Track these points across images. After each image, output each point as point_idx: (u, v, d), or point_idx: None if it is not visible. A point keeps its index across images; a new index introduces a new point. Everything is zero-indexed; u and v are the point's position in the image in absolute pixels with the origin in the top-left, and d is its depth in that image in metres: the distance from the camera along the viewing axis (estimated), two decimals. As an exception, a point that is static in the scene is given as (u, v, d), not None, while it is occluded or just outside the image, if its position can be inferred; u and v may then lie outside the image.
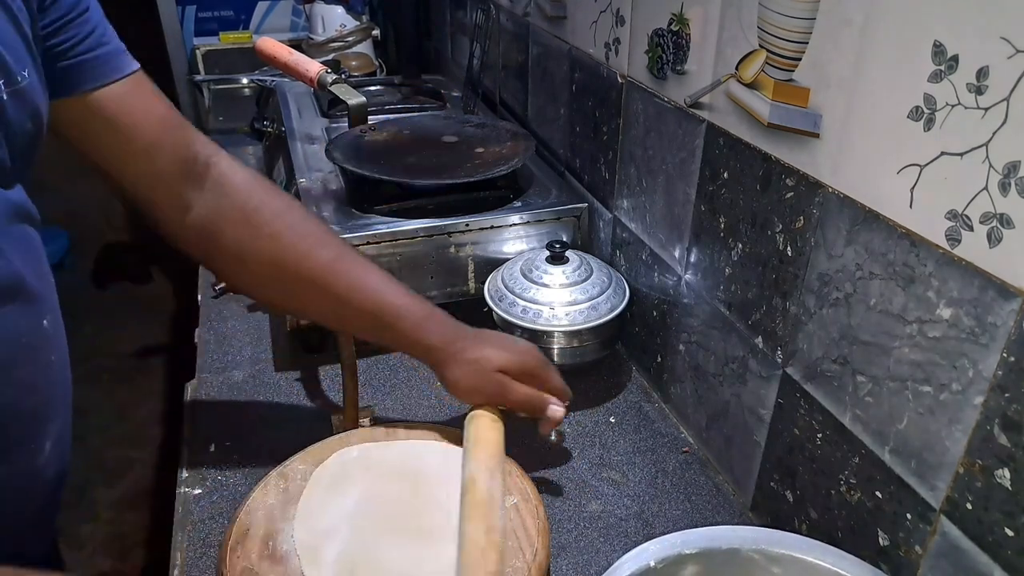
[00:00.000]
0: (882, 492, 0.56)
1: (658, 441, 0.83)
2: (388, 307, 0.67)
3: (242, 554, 0.59)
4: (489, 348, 0.68)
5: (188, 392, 0.88)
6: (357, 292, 0.67)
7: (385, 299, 0.67)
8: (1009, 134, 0.42)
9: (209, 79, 1.96)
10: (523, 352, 0.69)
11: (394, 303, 0.67)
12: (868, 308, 0.54)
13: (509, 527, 0.62)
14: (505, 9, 1.25)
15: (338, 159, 0.98)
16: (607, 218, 0.97)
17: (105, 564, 1.74)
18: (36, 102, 0.52)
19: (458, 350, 0.67)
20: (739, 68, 0.65)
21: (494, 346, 0.69)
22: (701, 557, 0.51)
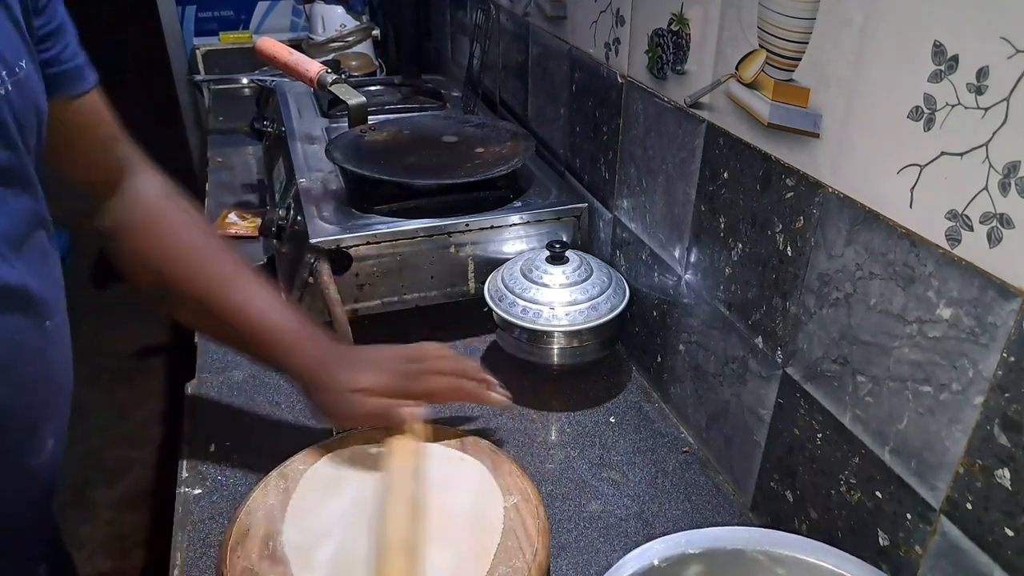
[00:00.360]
0: (882, 492, 0.56)
1: (658, 441, 0.83)
2: (265, 329, 0.68)
3: (242, 554, 0.59)
4: (349, 370, 0.68)
5: (188, 392, 0.88)
6: (237, 312, 0.68)
7: (262, 320, 0.68)
8: (1009, 134, 0.42)
9: (209, 79, 1.96)
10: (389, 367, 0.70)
11: (271, 325, 0.68)
12: (868, 308, 0.54)
13: (509, 527, 0.62)
14: (505, 9, 1.25)
15: (338, 159, 0.98)
16: (607, 218, 0.97)
17: (105, 564, 1.74)
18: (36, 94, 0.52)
19: (323, 375, 0.68)
20: (739, 68, 0.65)
21: (357, 367, 0.69)
22: (705, 557, 0.51)
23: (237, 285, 0.69)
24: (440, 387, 0.71)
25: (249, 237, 1.22)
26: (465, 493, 0.66)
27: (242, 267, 0.70)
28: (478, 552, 0.60)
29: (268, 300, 0.69)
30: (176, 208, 0.72)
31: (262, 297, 0.69)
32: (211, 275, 0.69)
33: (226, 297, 0.68)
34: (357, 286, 0.91)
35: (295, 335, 0.68)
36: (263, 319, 0.68)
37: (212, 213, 1.30)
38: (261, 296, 0.69)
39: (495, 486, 0.66)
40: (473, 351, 0.96)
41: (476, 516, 0.63)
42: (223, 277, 0.69)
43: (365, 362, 0.70)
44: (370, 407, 0.67)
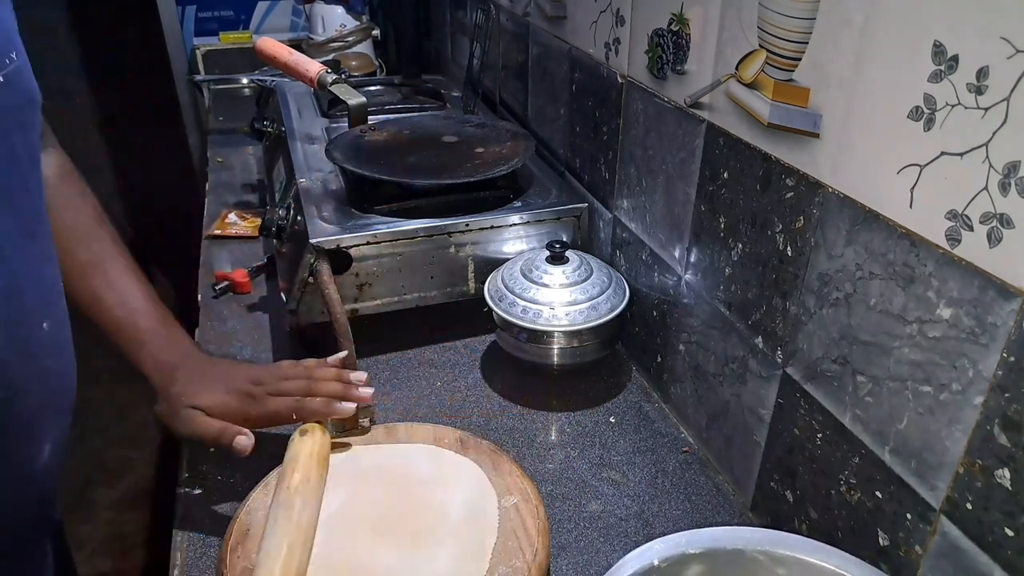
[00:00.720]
0: (882, 492, 0.56)
1: (658, 441, 0.83)
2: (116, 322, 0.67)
3: (242, 554, 0.59)
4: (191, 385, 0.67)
5: (188, 392, 0.88)
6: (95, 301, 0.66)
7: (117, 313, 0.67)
8: (1009, 134, 0.42)
9: (209, 79, 1.96)
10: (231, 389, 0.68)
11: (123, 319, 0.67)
12: (868, 308, 0.54)
13: (509, 527, 0.62)
14: (505, 9, 1.25)
15: (338, 159, 0.98)
16: (607, 218, 0.97)
17: (105, 564, 1.74)
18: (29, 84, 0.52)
19: (166, 382, 0.67)
20: (739, 68, 0.65)
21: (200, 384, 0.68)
22: (705, 557, 0.51)
23: (103, 272, 0.67)
24: (280, 408, 0.68)
25: (249, 237, 1.23)
26: (460, 493, 0.66)
27: (116, 256, 0.68)
28: (475, 552, 0.60)
29: (131, 293, 0.67)
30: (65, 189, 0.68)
31: (126, 289, 0.67)
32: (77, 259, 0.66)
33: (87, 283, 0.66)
34: (357, 286, 0.91)
35: (149, 334, 0.67)
36: (119, 312, 0.66)
37: (212, 213, 1.30)
38: (126, 288, 0.67)
39: (490, 485, 0.66)
40: (473, 351, 0.97)
41: (471, 516, 0.63)
42: (89, 263, 0.67)
43: (211, 378, 0.68)
44: (201, 427, 0.66)
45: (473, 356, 0.96)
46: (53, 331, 0.55)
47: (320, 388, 0.70)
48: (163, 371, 0.67)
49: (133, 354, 0.67)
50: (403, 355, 0.95)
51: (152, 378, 0.67)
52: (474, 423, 0.84)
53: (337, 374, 0.72)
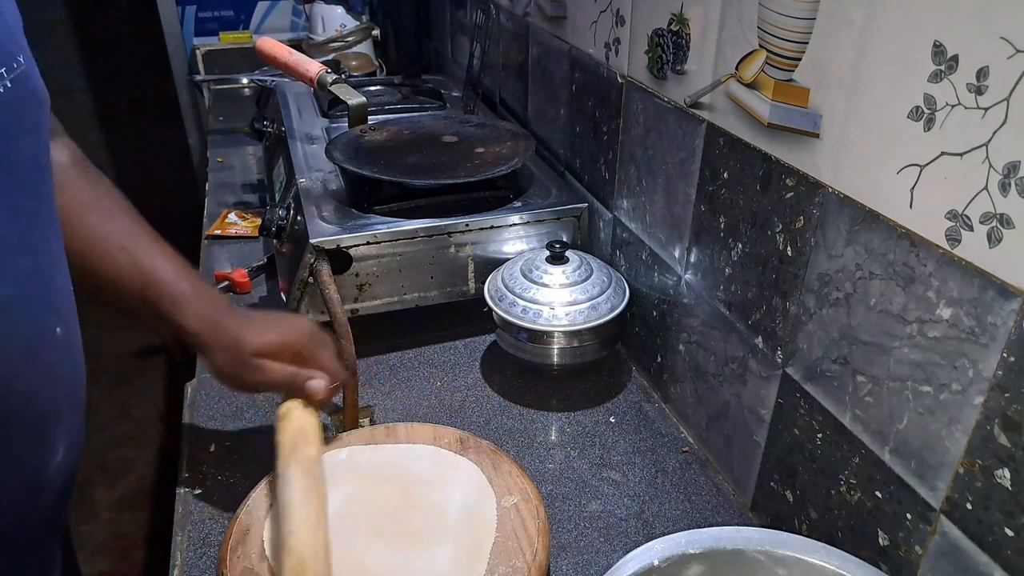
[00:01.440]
0: (882, 492, 0.56)
1: (658, 441, 0.83)
2: (153, 285, 0.65)
3: (242, 554, 0.59)
4: (248, 331, 0.65)
5: (188, 392, 0.88)
6: (132, 267, 0.65)
7: (153, 276, 0.65)
8: (1009, 134, 0.42)
9: (209, 79, 1.96)
10: (284, 331, 0.67)
11: (162, 281, 0.65)
12: (868, 308, 0.54)
13: (509, 527, 0.62)
14: (505, 9, 1.25)
15: (338, 159, 0.98)
16: (607, 218, 0.97)
17: (105, 564, 1.74)
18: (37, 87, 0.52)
19: (219, 335, 0.65)
20: (739, 68, 0.65)
21: (255, 329, 0.66)
22: (706, 557, 0.51)
23: (135, 242, 0.66)
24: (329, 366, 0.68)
25: (249, 237, 1.22)
26: (459, 493, 0.66)
27: (142, 226, 0.68)
28: (474, 550, 0.60)
29: (166, 257, 0.67)
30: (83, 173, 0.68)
31: (160, 253, 0.67)
32: (107, 230, 0.65)
33: (122, 252, 0.65)
34: (357, 286, 0.91)
35: (192, 292, 0.66)
36: (159, 273, 0.65)
37: (212, 213, 1.30)
38: (159, 252, 0.67)
39: (489, 486, 0.66)
40: (473, 351, 0.97)
41: (470, 516, 0.63)
42: (121, 233, 0.66)
43: (261, 325, 0.67)
44: (274, 373, 0.65)
45: (473, 356, 0.96)
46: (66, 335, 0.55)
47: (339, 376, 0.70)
48: (213, 325, 0.66)
49: (175, 314, 0.65)
50: (403, 355, 0.95)
51: (204, 332, 0.65)
52: (474, 423, 0.84)
53: None
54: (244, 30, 2.20)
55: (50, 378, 0.54)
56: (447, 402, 0.87)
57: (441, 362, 0.94)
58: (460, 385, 0.90)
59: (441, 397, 0.88)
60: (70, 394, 0.58)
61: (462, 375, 0.92)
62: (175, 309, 0.65)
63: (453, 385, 0.90)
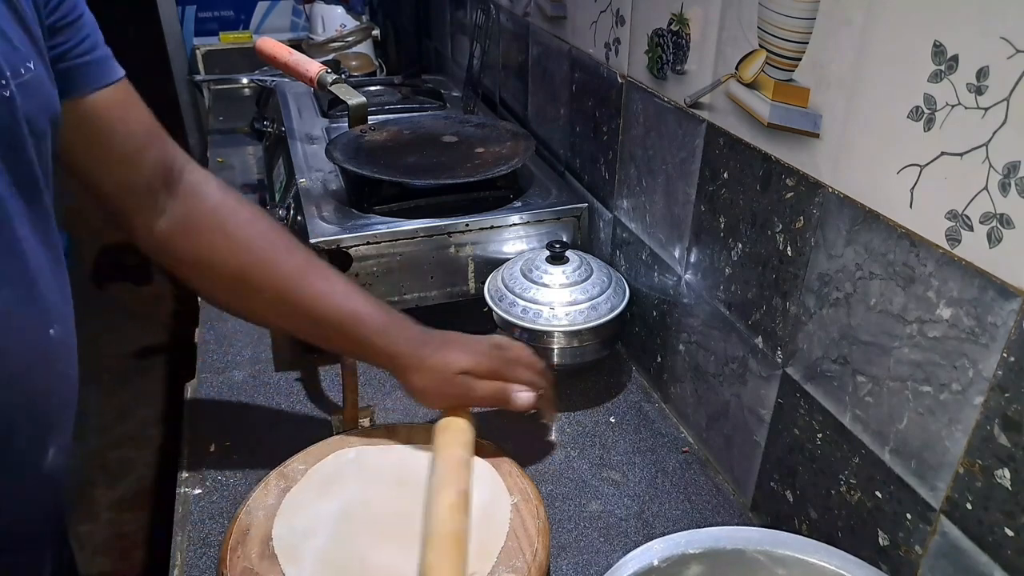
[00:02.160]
0: (882, 492, 0.56)
1: (658, 441, 0.83)
2: (350, 314, 0.67)
3: (242, 554, 0.59)
4: (450, 351, 0.68)
5: (188, 392, 0.88)
6: (320, 299, 0.67)
7: (347, 306, 0.68)
8: (1009, 134, 0.42)
9: (209, 79, 1.96)
10: (485, 351, 0.70)
11: (356, 310, 0.68)
12: (868, 308, 0.54)
13: (509, 527, 0.62)
14: (505, 9, 1.25)
15: (338, 159, 0.98)
16: (607, 218, 0.97)
17: (105, 564, 1.74)
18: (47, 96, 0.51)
19: (421, 356, 0.68)
20: (739, 68, 0.65)
21: (456, 349, 0.69)
22: (705, 557, 0.51)
23: (316, 274, 0.68)
24: (527, 379, 0.70)
25: (249, 237, 1.22)
26: (476, 492, 0.66)
27: (315, 257, 0.70)
28: (482, 552, 0.60)
29: (348, 288, 0.69)
30: (242, 202, 0.70)
31: (342, 285, 0.69)
32: (289, 266, 0.68)
33: (307, 286, 0.67)
34: (357, 286, 0.91)
35: (382, 319, 0.68)
36: (348, 305, 0.68)
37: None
38: (341, 284, 0.69)
39: (502, 486, 0.66)
40: (473, 351, 0.96)
41: (482, 516, 0.63)
42: (301, 267, 0.68)
43: (460, 344, 0.70)
44: (484, 389, 0.68)
45: (473, 356, 0.96)
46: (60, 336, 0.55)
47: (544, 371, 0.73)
48: (414, 349, 0.68)
49: (371, 341, 0.68)
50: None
51: (402, 358, 0.68)
52: (474, 423, 0.84)
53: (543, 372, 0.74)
54: (244, 30, 2.20)
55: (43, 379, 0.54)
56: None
57: (441, 362, 0.94)
58: (460, 385, 0.90)
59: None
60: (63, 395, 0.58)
61: (462, 375, 0.92)
62: (380, 336, 0.68)
63: (453, 385, 0.90)
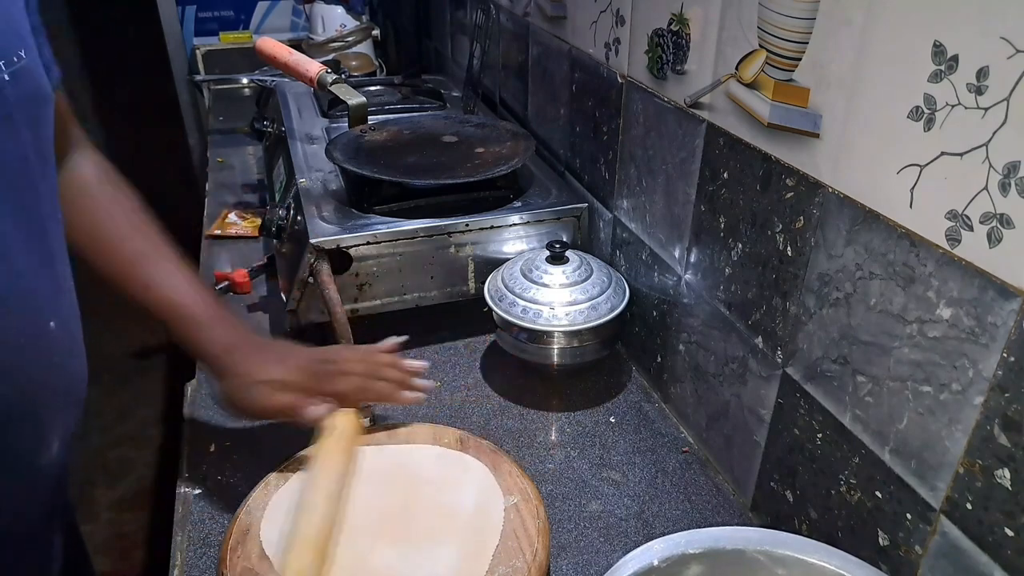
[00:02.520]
0: (882, 492, 0.56)
1: (658, 441, 0.83)
2: (173, 306, 0.67)
3: (242, 554, 0.59)
4: (261, 361, 0.67)
5: (188, 392, 0.88)
6: (151, 290, 0.67)
7: (174, 299, 0.67)
8: (1009, 134, 0.42)
9: (209, 79, 1.96)
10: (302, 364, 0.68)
11: (181, 303, 0.67)
12: (868, 308, 0.54)
13: (509, 527, 0.62)
14: (505, 9, 1.25)
15: (338, 159, 0.98)
16: (607, 218, 0.97)
17: (105, 564, 1.74)
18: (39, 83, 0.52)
19: (232, 361, 0.67)
20: (739, 68, 0.65)
21: (269, 359, 0.68)
22: (705, 557, 0.51)
23: (153, 262, 0.68)
24: (348, 388, 0.69)
25: (249, 237, 1.22)
26: (467, 492, 0.66)
27: (162, 246, 0.69)
28: (477, 552, 0.60)
29: (183, 280, 0.68)
30: (107, 187, 0.70)
31: (177, 276, 0.68)
32: (125, 251, 0.67)
33: (140, 274, 0.67)
34: (357, 286, 0.91)
35: (206, 316, 0.67)
36: (175, 297, 0.67)
37: (212, 213, 1.30)
38: (176, 275, 0.68)
39: (496, 486, 0.66)
40: (473, 351, 0.96)
41: (477, 515, 0.63)
42: (139, 254, 0.68)
43: (277, 354, 0.69)
44: (276, 401, 0.66)
45: (473, 356, 0.96)
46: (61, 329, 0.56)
47: (384, 373, 0.71)
48: (226, 351, 0.67)
49: (192, 338, 0.67)
50: (403, 355, 0.95)
51: (214, 359, 0.67)
52: (474, 423, 0.84)
53: (395, 361, 0.73)
54: (244, 30, 2.20)
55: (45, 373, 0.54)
56: (447, 402, 0.87)
57: (441, 362, 0.94)
58: (460, 385, 0.90)
59: (441, 397, 0.88)
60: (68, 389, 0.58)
61: (462, 375, 0.92)
62: (195, 333, 0.67)
63: (453, 385, 0.90)
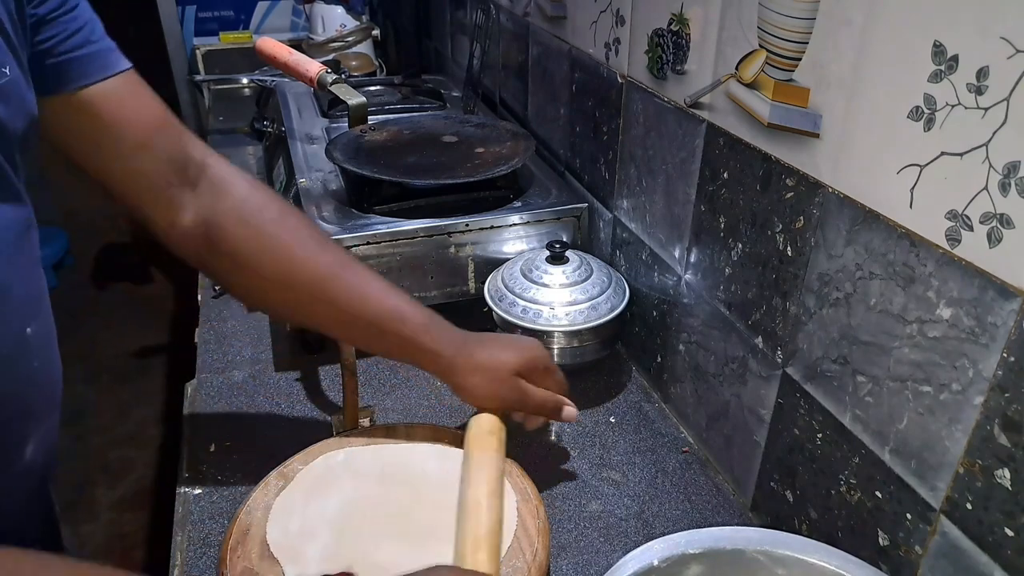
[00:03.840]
0: (882, 492, 0.56)
1: (658, 441, 0.83)
2: (390, 312, 0.65)
3: (242, 554, 0.59)
4: (500, 351, 0.67)
5: (188, 392, 0.88)
6: (359, 298, 0.65)
7: (387, 304, 0.66)
8: (1009, 134, 0.42)
9: (209, 79, 1.96)
10: (531, 350, 0.68)
11: (398, 307, 0.66)
12: (868, 308, 0.54)
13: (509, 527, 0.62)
14: (505, 9, 1.25)
15: (338, 159, 0.98)
16: (607, 218, 0.97)
17: (105, 564, 1.74)
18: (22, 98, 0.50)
19: (468, 355, 0.66)
20: (739, 68, 0.65)
21: (504, 348, 0.68)
22: (705, 557, 0.51)
23: (352, 271, 0.66)
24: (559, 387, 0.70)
25: (249, 237, 1.22)
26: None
27: (349, 254, 0.69)
28: None
29: (386, 285, 0.67)
30: (271, 197, 0.68)
31: (379, 283, 0.67)
32: (322, 262, 0.65)
33: (343, 283, 0.65)
34: (357, 286, 0.91)
35: (424, 317, 0.66)
36: (388, 302, 0.66)
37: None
38: (378, 282, 0.67)
39: (509, 488, 0.66)
40: (473, 351, 0.96)
41: None
42: (336, 264, 0.66)
43: (507, 344, 0.68)
44: (538, 397, 0.67)
45: (473, 356, 0.96)
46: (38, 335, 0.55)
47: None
48: (461, 348, 0.66)
49: (421, 341, 0.66)
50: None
51: (447, 355, 0.66)
52: (474, 423, 0.84)
53: None
54: (244, 30, 2.20)
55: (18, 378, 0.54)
56: (447, 402, 0.87)
57: (441, 362, 0.94)
58: (460, 385, 0.90)
59: (441, 397, 0.88)
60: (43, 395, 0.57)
61: (462, 375, 0.92)
62: (423, 334, 0.66)
63: (453, 385, 0.90)
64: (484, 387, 0.66)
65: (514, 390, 0.66)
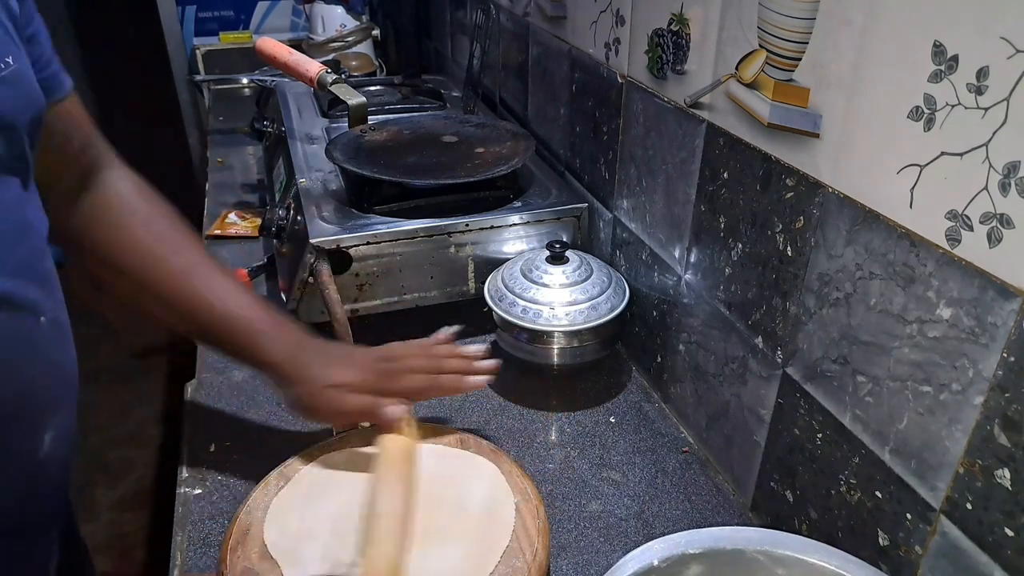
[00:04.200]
0: (882, 492, 0.56)
1: (658, 441, 0.83)
2: (229, 319, 0.66)
3: (242, 554, 0.59)
4: (328, 364, 0.66)
5: (188, 392, 0.88)
6: (202, 302, 0.66)
7: (227, 310, 0.66)
8: (1009, 134, 0.42)
9: (209, 79, 1.96)
10: (368, 364, 0.68)
11: (236, 315, 0.66)
12: (868, 308, 0.54)
13: (510, 527, 0.62)
14: (505, 9, 1.25)
15: (338, 159, 0.98)
16: (607, 218, 0.97)
17: (105, 564, 1.74)
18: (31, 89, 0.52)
19: (298, 367, 0.66)
20: (739, 68, 0.65)
21: (335, 361, 0.67)
22: (705, 557, 0.51)
23: (205, 275, 0.67)
24: (417, 385, 0.69)
25: (249, 237, 1.22)
26: (475, 490, 0.66)
27: (209, 259, 0.69)
28: (485, 551, 0.60)
29: (236, 291, 0.67)
30: (147, 202, 0.69)
31: (230, 288, 0.67)
32: (174, 264, 0.66)
33: (193, 287, 0.66)
34: (357, 286, 0.91)
35: (266, 325, 0.66)
36: (232, 309, 0.66)
37: (212, 213, 1.30)
38: (229, 287, 0.67)
39: (506, 484, 0.66)
40: (473, 351, 0.96)
41: (488, 516, 0.63)
42: (190, 267, 0.67)
43: (342, 358, 0.68)
44: (354, 403, 0.66)
45: (473, 356, 0.96)
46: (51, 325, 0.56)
47: (446, 365, 0.71)
48: (291, 357, 0.66)
49: (252, 347, 0.66)
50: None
51: (279, 367, 0.66)
52: (474, 423, 0.84)
53: (454, 351, 0.73)
54: (244, 30, 2.21)
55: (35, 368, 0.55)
56: (447, 402, 0.87)
57: (441, 362, 0.94)
58: (460, 385, 0.90)
59: (441, 397, 0.88)
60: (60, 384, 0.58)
61: (462, 375, 0.92)
62: (260, 345, 0.66)
63: (453, 385, 0.90)
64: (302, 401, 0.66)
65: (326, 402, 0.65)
